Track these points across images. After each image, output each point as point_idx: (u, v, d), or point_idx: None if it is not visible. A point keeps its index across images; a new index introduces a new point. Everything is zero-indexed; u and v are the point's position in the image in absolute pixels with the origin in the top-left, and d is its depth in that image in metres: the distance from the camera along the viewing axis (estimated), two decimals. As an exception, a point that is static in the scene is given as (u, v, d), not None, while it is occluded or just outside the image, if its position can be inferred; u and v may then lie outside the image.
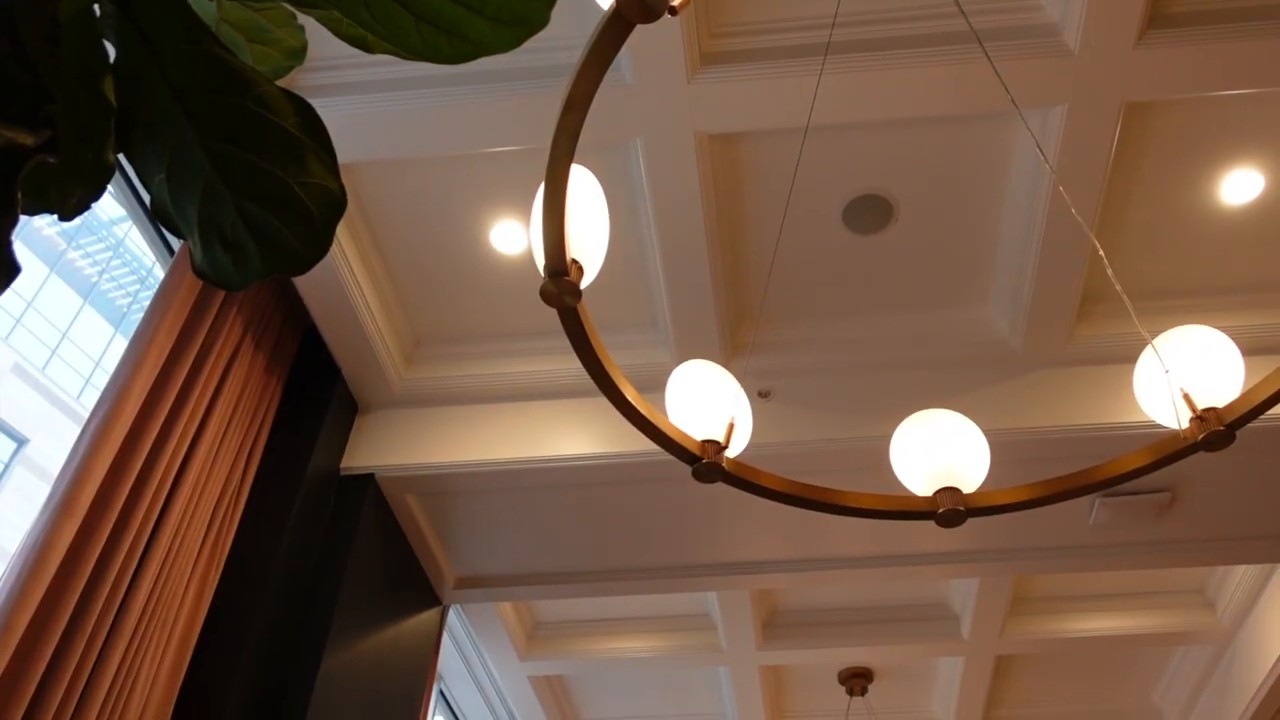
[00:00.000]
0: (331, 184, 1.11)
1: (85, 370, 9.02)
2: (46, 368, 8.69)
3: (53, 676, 2.14)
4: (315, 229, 1.14)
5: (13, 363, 8.22)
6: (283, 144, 1.10)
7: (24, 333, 8.86)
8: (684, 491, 3.61)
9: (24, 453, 7.88)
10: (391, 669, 3.51)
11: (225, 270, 1.18)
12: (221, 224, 1.14)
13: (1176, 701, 5.40)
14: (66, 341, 9.14)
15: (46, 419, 8.00)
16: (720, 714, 5.65)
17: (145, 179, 1.08)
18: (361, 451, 3.46)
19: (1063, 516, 3.78)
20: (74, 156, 1.04)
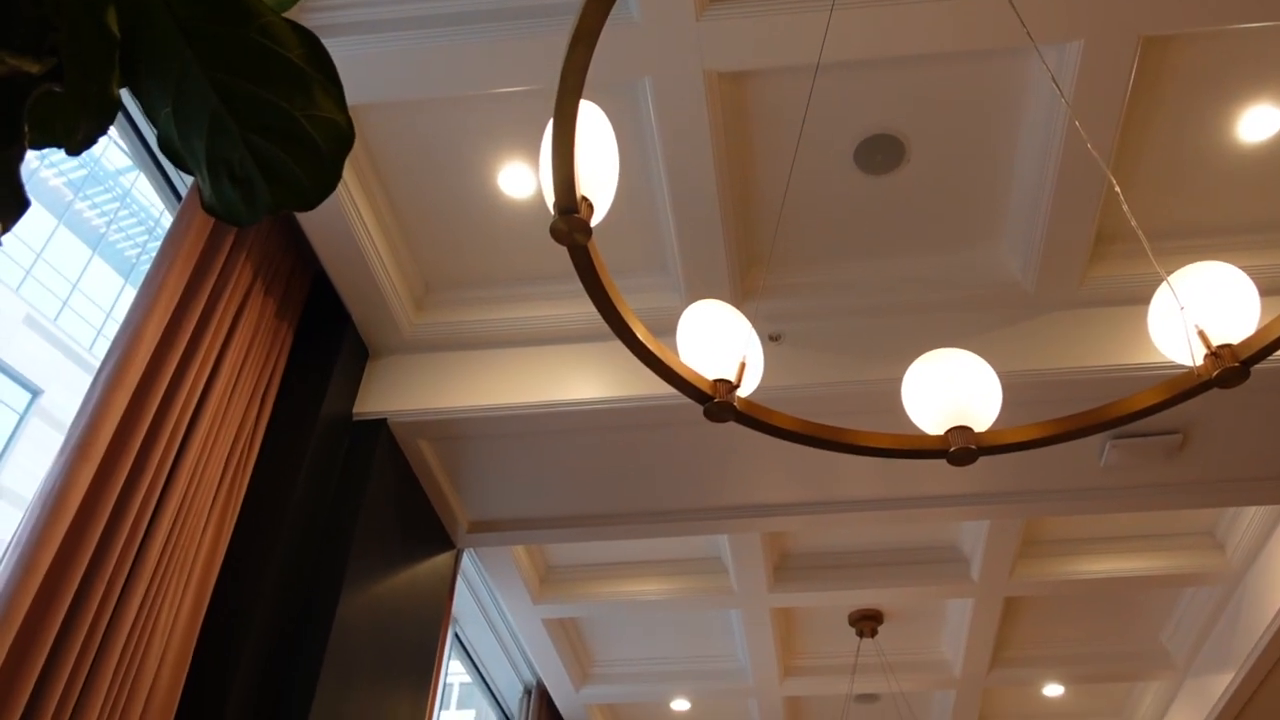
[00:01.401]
0: (339, 117, 1.10)
1: (96, 321, 9.06)
2: (58, 319, 8.72)
3: (76, 616, 2.18)
4: (323, 163, 1.13)
5: (24, 314, 8.25)
6: (288, 76, 1.08)
7: (34, 284, 8.89)
8: (695, 435, 3.62)
9: (39, 403, 7.94)
10: (407, 612, 3.56)
11: (234, 206, 1.17)
12: (229, 158, 1.13)
13: (1184, 642, 5.45)
14: (77, 293, 9.17)
15: (59, 370, 8.05)
16: (731, 656, 5.73)
17: (151, 114, 1.07)
18: (373, 397, 3.47)
19: (1073, 459, 3.78)
20: (79, 89, 1.03)
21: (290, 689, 2.85)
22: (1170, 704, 5.99)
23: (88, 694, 2.19)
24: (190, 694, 2.56)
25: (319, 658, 2.92)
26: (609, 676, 5.82)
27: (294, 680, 2.87)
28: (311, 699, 2.83)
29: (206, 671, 2.62)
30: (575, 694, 5.79)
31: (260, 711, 2.74)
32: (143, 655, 2.37)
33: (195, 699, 2.56)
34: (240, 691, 2.65)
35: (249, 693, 2.70)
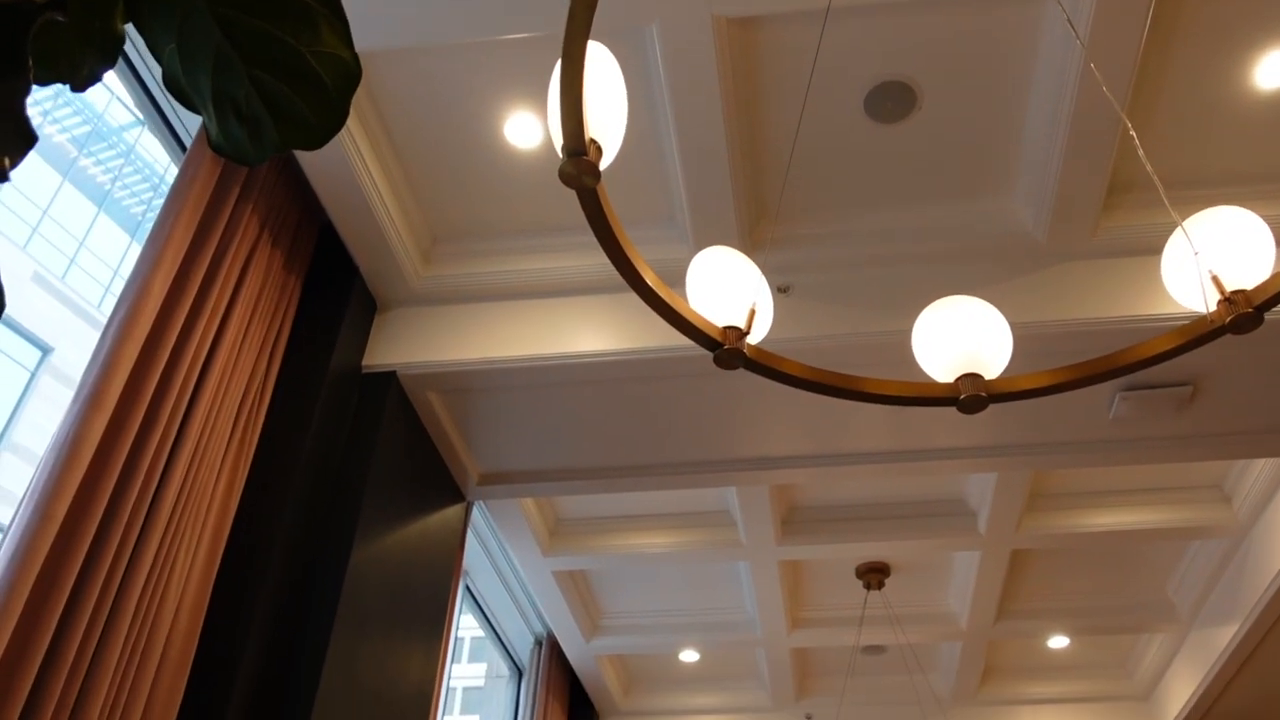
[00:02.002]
0: (345, 54, 1.09)
1: (105, 279, 9.06)
2: (66, 276, 8.72)
3: (91, 565, 2.20)
4: (330, 100, 1.12)
5: (32, 271, 8.25)
6: (294, 11, 1.07)
7: (41, 241, 8.87)
8: (704, 387, 3.62)
9: (49, 361, 7.96)
10: (418, 564, 3.59)
11: (241, 144, 1.16)
12: (235, 95, 1.12)
13: (1190, 595, 5.48)
14: (84, 250, 9.15)
15: (69, 328, 8.06)
16: (740, 608, 5.78)
17: (156, 51, 1.06)
18: (382, 350, 3.48)
19: (1082, 411, 3.78)
20: (82, 23, 1.02)
21: (305, 638, 2.89)
22: (1174, 656, 6.04)
23: (107, 638, 2.22)
24: (207, 641, 2.59)
25: (332, 607, 2.95)
26: (618, 628, 5.88)
27: (308, 629, 2.90)
28: (326, 647, 2.87)
29: (222, 619, 2.65)
30: (585, 645, 5.86)
31: (276, 658, 2.78)
32: (159, 602, 2.40)
33: (212, 646, 2.60)
34: (257, 639, 2.68)
35: (265, 640, 2.73)
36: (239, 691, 2.59)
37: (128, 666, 2.28)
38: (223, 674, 2.59)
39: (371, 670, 3.14)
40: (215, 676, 2.58)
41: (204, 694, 2.54)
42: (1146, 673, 6.35)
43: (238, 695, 2.58)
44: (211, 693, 2.56)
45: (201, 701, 2.53)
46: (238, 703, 2.58)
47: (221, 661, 2.61)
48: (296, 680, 2.81)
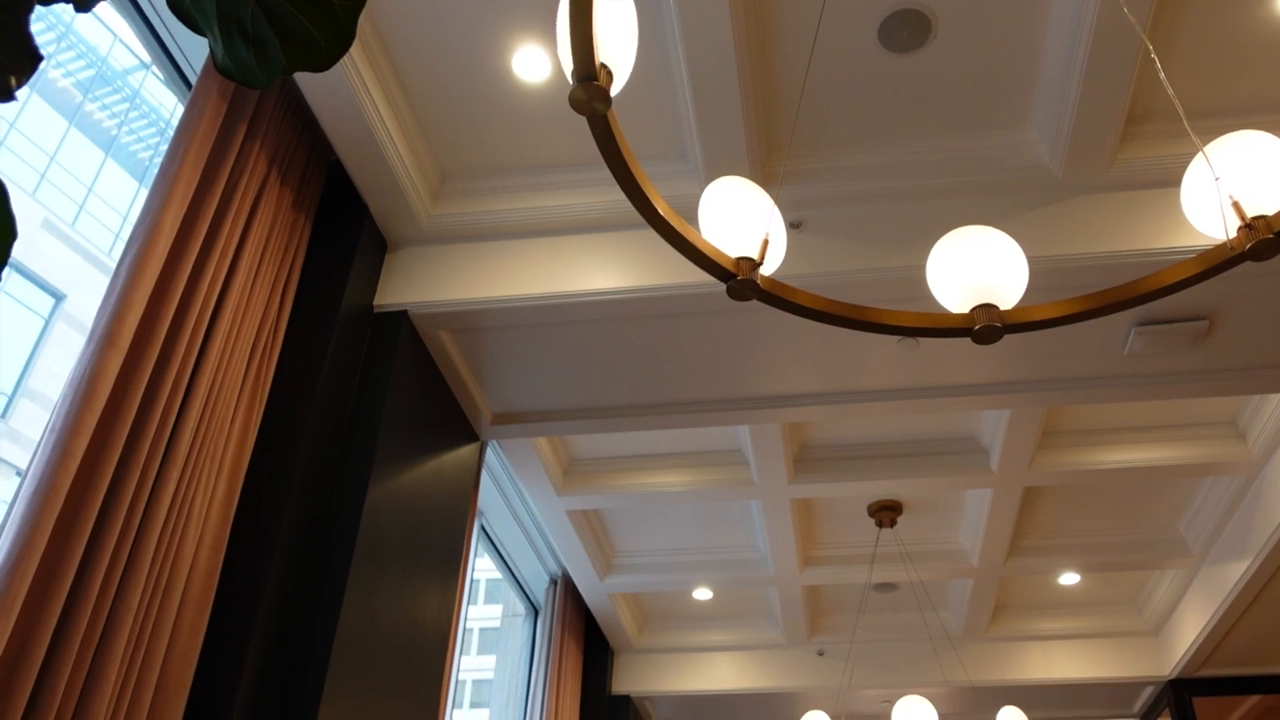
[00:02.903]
0: (351, -28, 1.07)
1: (114, 226, 9.06)
2: (76, 223, 8.73)
3: (113, 501, 2.22)
4: (337, 20, 1.10)
5: (42, 218, 8.26)
6: (298, -72, 1.05)
7: (50, 188, 8.87)
8: (716, 324, 3.61)
9: (62, 308, 8.02)
10: (434, 504, 3.62)
11: (248, 67, 1.14)
12: (240, 16, 1.10)
13: (1202, 531, 5.50)
14: (93, 197, 9.15)
15: (81, 274, 8.10)
16: (752, 546, 5.83)
17: (159, -31, 1.04)
18: (393, 289, 3.47)
19: (1097, 346, 3.76)
20: (86, -61, 1.00)
21: (324, 575, 2.93)
22: (1185, 592, 6.08)
23: (130, 572, 2.25)
24: (228, 576, 2.63)
25: (350, 545, 2.98)
26: (632, 566, 5.95)
27: (327, 567, 2.94)
28: (345, 584, 2.91)
29: (243, 555, 2.68)
30: (600, 584, 5.94)
31: (296, 595, 2.82)
32: (180, 537, 2.43)
33: (233, 581, 2.64)
34: (277, 576, 2.72)
35: (284, 577, 2.77)
36: (261, 626, 2.64)
37: (150, 601, 2.32)
38: (244, 609, 2.63)
39: (390, 608, 3.19)
40: (237, 611, 2.62)
41: (226, 628, 2.59)
42: (1157, 609, 6.40)
43: (259, 630, 2.63)
44: (234, 627, 2.60)
45: (224, 636, 2.58)
46: (260, 637, 2.63)
47: (243, 596, 2.65)
48: (317, 617, 2.86)
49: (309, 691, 2.74)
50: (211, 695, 2.50)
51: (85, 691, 2.11)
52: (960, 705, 7.03)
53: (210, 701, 2.49)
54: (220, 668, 2.54)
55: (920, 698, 4.71)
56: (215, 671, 2.53)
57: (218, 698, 2.50)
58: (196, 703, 2.47)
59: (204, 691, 2.49)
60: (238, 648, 2.58)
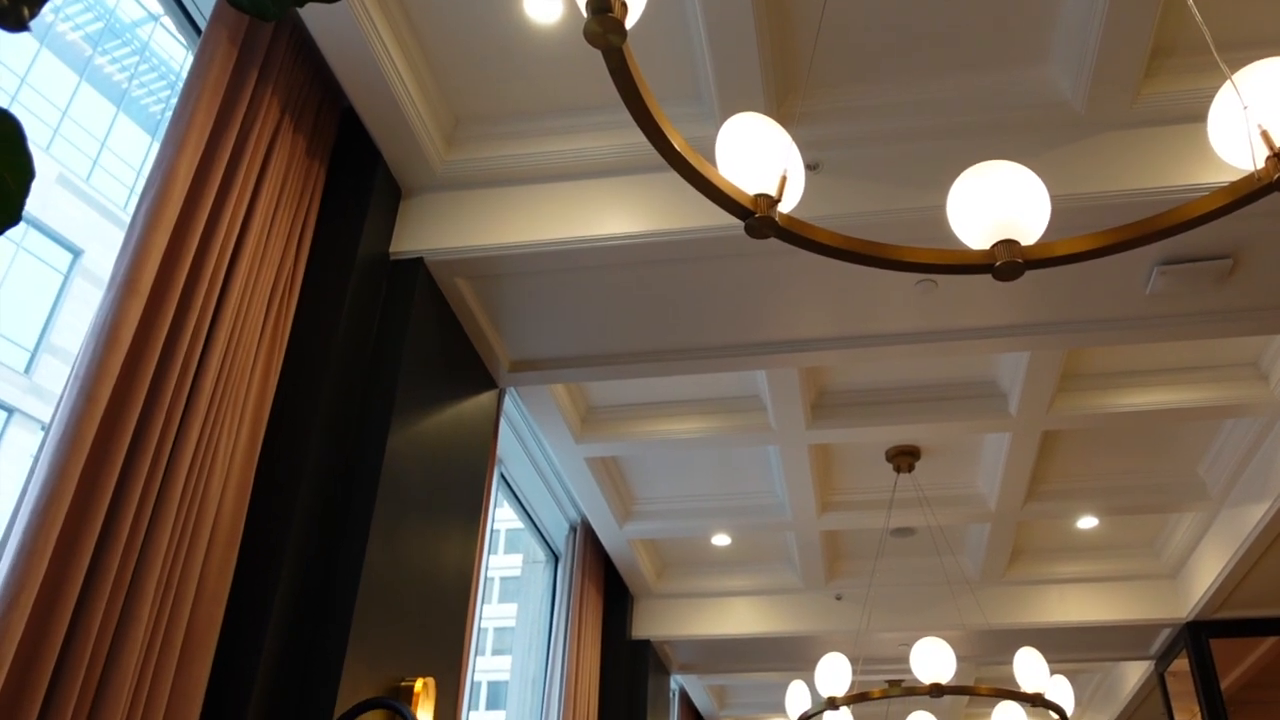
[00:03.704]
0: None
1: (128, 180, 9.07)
2: (90, 178, 8.73)
3: (138, 446, 2.25)
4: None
5: (56, 173, 8.27)
6: None
7: (63, 143, 8.87)
8: (733, 268, 3.60)
9: (80, 264, 8.05)
10: (454, 451, 3.64)
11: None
12: (250, -57, 1.09)
13: (1222, 474, 5.48)
14: (106, 151, 9.15)
15: (98, 230, 8.12)
16: (770, 492, 5.86)
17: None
18: (409, 236, 3.46)
19: (1118, 286, 3.72)
20: None
21: (347, 520, 2.96)
22: (1203, 535, 6.08)
23: (158, 516, 2.28)
24: (253, 520, 2.66)
25: (372, 491, 3.01)
26: (651, 513, 5.99)
27: (350, 512, 2.97)
28: (368, 530, 2.94)
29: (268, 499, 2.72)
30: (619, 530, 5.99)
31: (321, 540, 2.86)
32: (206, 482, 2.46)
33: (258, 527, 2.67)
34: (301, 521, 2.75)
35: (309, 522, 2.80)
36: (288, 569, 2.67)
37: (179, 544, 2.35)
38: (271, 552, 2.67)
39: (414, 553, 3.22)
40: (264, 554, 2.66)
41: (254, 571, 2.63)
42: (1175, 552, 6.41)
43: (286, 573, 2.67)
44: (261, 570, 2.64)
45: (252, 578, 2.62)
46: (287, 580, 2.67)
47: (269, 539, 2.68)
48: (342, 561, 2.89)
49: (336, 633, 2.78)
50: (241, 636, 2.54)
51: (118, 634, 2.15)
52: (977, 648, 7.09)
53: (240, 642, 2.54)
54: (249, 609, 2.58)
55: (938, 639, 4.74)
56: (244, 613, 2.57)
57: (247, 638, 2.55)
58: (227, 643, 2.51)
59: (233, 632, 2.54)
60: (266, 590, 2.62)
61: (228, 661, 2.51)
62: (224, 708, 2.46)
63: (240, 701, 2.47)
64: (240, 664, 2.52)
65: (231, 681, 2.49)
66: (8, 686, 1.88)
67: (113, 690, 2.09)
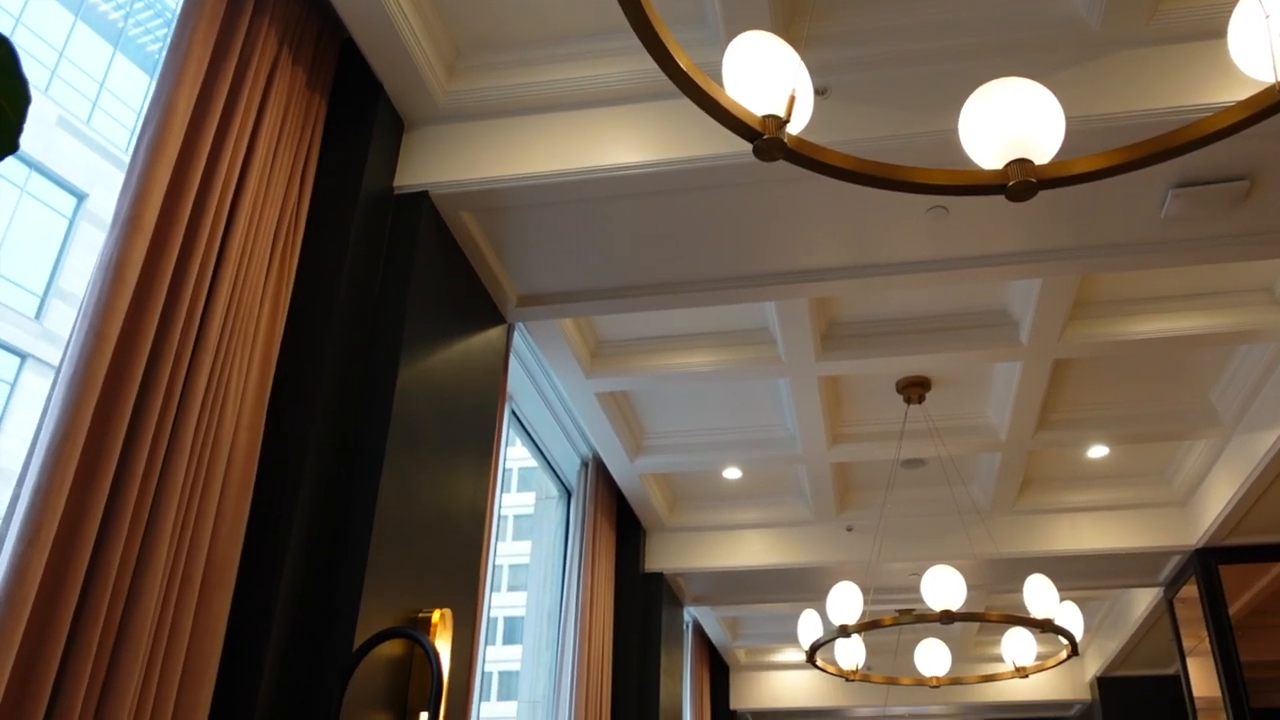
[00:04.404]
0: None
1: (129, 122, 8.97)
2: (90, 120, 8.64)
3: (150, 383, 2.25)
4: None
5: (56, 116, 8.18)
6: None
7: (62, 85, 8.76)
8: (741, 197, 3.55)
9: (85, 207, 8.01)
10: (464, 387, 3.65)
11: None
12: None
13: (1234, 401, 5.46)
14: (105, 93, 9.04)
15: (100, 173, 8.06)
16: (781, 425, 5.87)
17: None
18: (412, 170, 3.42)
19: (1132, 210, 3.67)
20: None
21: (360, 457, 2.97)
22: (1215, 462, 6.09)
23: (172, 456, 2.29)
24: (267, 456, 2.68)
25: (384, 427, 3.02)
26: (662, 448, 6.02)
27: (363, 448, 2.99)
28: (381, 466, 2.96)
29: (280, 437, 2.73)
30: (630, 465, 6.02)
31: (335, 477, 2.87)
32: (219, 419, 2.46)
33: (272, 464, 2.68)
34: (314, 457, 2.77)
35: (323, 458, 2.82)
36: (302, 506, 2.69)
37: (194, 482, 2.36)
38: (286, 487, 2.69)
39: (427, 488, 3.24)
40: (279, 490, 2.68)
41: (269, 508, 2.65)
42: (1186, 480, 6.43)
43: (301, 510, 2.69)
44: (277, 506, 2.66)
45: (267, 517, 2.64)
46: (302, 516, 2.69)
47: (283, 475, 2.70)
48: (356, 498, 2.91)
49: (353, 568, 2.81)
50: (259, 571, 2.57)
51: (137, 571, 2.17)
52: (988, 577, 7.16)
53: (258, 577, 2.57)
54: (266, 545, 2.61)
55: (948, 567, 4.78)
56: (261, 548, 2.60)
57: (265, 573, 2.58)
58: (245, 578, 2.54)
59: (251, 567, 2.56)
60: (281, 525, 2.64)
61: (247, 596, 2.54)
62: (245, 641, 2.49)
63: (261, 634, 2.51)
64: (259, 598, 2.55)
65: (251, 616, 2.52)
66: (31, 624, 1.91)
67: (135, 626, 2.11)
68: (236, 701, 2.43)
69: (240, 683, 2.45)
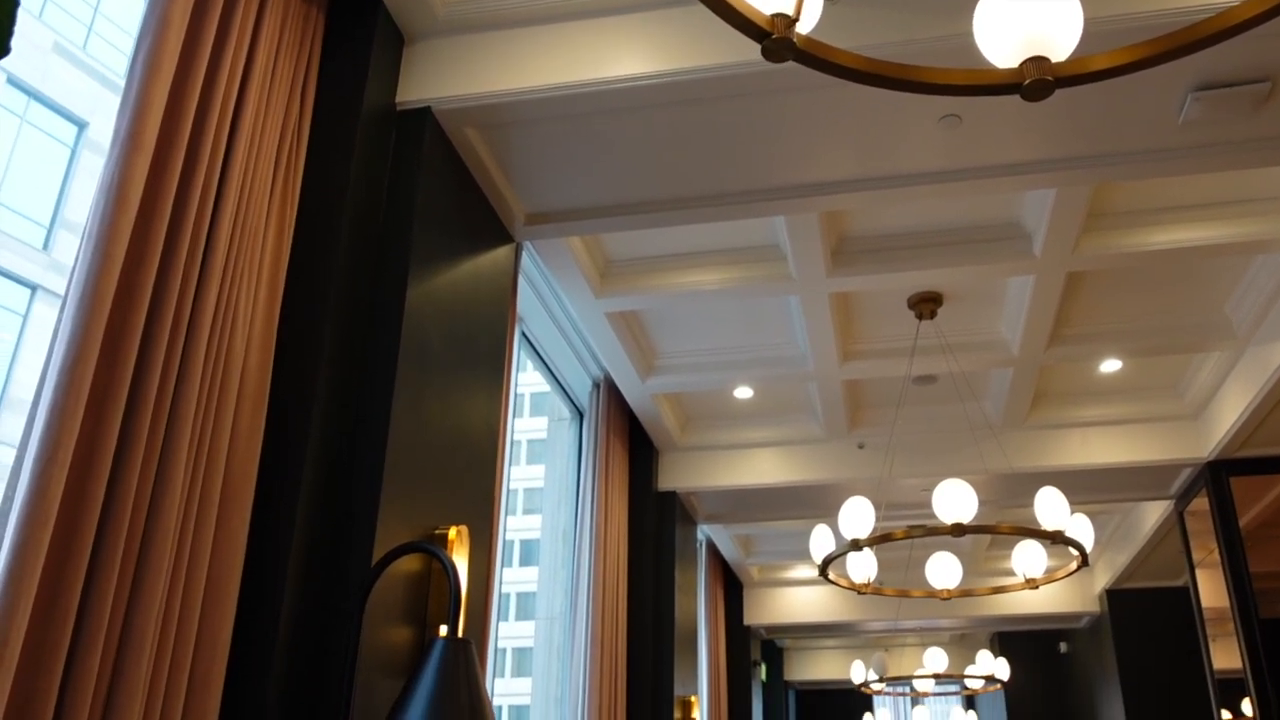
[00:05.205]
0: None
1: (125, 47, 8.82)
2: (87, 46, 8.49)
3: (158, 306, 2.24)
4: None
5: (52, 41, 8.04)
6: None
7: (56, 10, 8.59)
8: (749, 109, 3.48)
9: (86, 136, 7.93)
10: (474, 307, 3.63)
11: None
12: None
13: (1249, 312, 5.42)
14: (101, 18, 8.87)
15: (100, 101, 7.96)
16: (791, 343, 5.86)
17: None
18: (414, 85, 3.36)
19: (1150, 116, 3.58)
20: None
21: (372, 378, 2.98)
22: (1228, 374, 6.07)
23: (184, 378, 2.29)
24: (279, 381, 2.68)
25: (394, 348, 3.02)
26: (673, 367, 6.03)
27: (374, 370, 2.99)
28: (393, 387, 2.96)
29: (291, 360, 2.73)
30: (642, 385, 6.04)
31: (346, 398, 2.88)
32: (229, 341, 2.46)
33: (284, 385, 2.69)
34: (326, 378, 2.77)
35: (335, 380, 2.82)
36: (316, 425, 2.71)
37: (207, 405, 2.37)
38: (298, 408, 2.70)
39: (439, 409, 3.26)
40: (292, 411, 2.69)
41: (283, 429, 2.66)
42: (1198, 393, 6.42)
43: (315, 429, 2.70)
44: (290, 427, 2.67)
45: (282, 436, 2.65)
46: (316, 436, 2.70)
47: (296, 397, 2.71)
48: (369, 417, 2.93)
49: (368, 487, 2.84)
50: (276, 489, 2.60)
51: (156, 491, 2.19)
52: (999, 492, 7.21)
53: (275, 495, 2.60)
54: (282, 464, 2.63)
55: (959, 480, 4.81)
56: (277, 468, 2.62)
57: (282, 491, 2.60)
58: (262, 497, 2.57)
59: (268, 486, 2.59)
60: (297, 444, 2.66)
61: (265, 514, 2.57)
62: (265, 557, 2.53)
63: (281, 551, 2.55)
64: (277, 516, 2.58)
65: (270, 533, 2.56)
66: (55, 540, 1.93)
67: (156, 543, 2.14)
68: (259, 617, 2.47)
69: (263, 598, 2.49)
